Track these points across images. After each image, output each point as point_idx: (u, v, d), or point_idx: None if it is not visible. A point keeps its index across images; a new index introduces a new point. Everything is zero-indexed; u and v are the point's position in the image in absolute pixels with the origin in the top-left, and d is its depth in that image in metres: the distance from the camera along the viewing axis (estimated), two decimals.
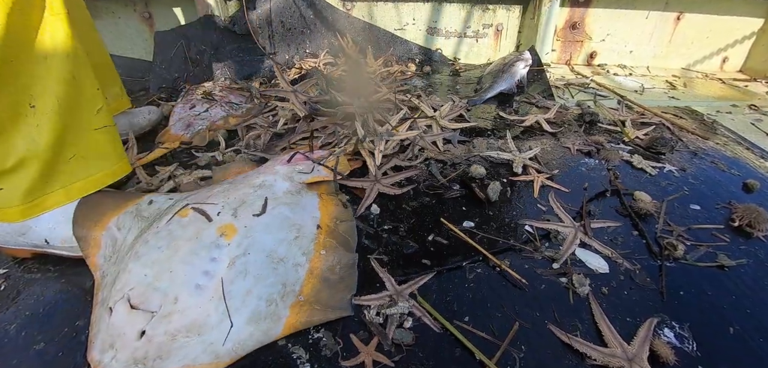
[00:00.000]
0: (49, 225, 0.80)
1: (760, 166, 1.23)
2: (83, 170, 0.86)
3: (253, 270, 0.70)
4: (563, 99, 1.75)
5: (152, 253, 0.70)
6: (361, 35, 2.09)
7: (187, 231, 0.74)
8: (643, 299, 0.74)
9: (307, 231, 0.81)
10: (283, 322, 0.65)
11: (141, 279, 0.66)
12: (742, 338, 0.68)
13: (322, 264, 0.75)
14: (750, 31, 2.27)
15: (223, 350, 0.61)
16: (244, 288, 0.68)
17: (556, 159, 1.21)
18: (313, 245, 0.79)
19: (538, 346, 0.65)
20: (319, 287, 0.71)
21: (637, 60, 2.35)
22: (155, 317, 0.62)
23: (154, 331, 0.61)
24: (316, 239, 0.80)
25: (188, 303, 0.64)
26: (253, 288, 0.68)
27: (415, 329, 0.67)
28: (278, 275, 0.71)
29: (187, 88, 1.63)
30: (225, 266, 0.69)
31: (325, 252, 0.78)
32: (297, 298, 0.69)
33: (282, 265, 0.73)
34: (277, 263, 0.73)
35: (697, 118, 1.59)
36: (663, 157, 1.23)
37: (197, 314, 0.63)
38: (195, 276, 0.67)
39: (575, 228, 0.88)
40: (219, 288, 0.66)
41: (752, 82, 2.18)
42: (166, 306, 0.63)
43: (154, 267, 0.67)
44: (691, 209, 1.00)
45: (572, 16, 2.21)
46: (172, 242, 0.71)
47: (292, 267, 0.73)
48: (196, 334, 0.62)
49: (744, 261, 0.83)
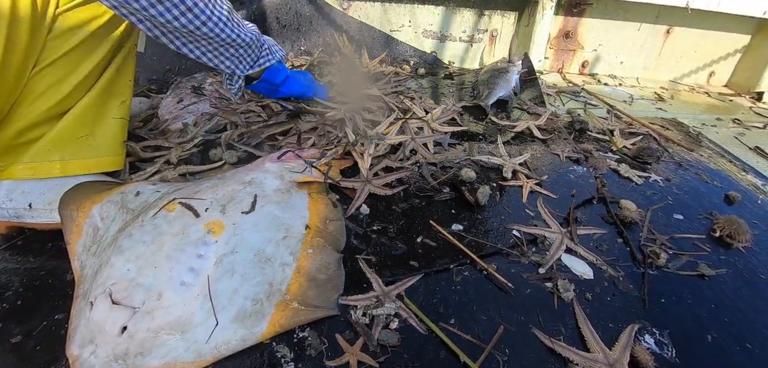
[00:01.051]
0: (40, 190, 0.82)
1: (742, 179, 1.27)
2: (87, 151, 0.88)
3: (241, 269, 0.69)
4: (554, 106, 1.77)
5: (136, 247, 0.68)
6: (357, 35, 2.09)
7: (173, 226, 0.73)
8: (626, 305, 0.75)
9: (296, 231, 0.81)
10: (268, 320, 0.65)
11: (124, 273, 0.65)
12: (719, 346, 0.69)
13: (309, 264, 0.75)
14: (736, 47, 2.33)
15: (206, 348, 0.60)
16: (230, 287, 0.67)
17: (546, 165, 1.22)
18: (300, 245, 0.78)
19: (522, 350, 0.65)
20: (306, 286, 0.71)
21: (627, 71, 2.39)
22: (138, 313, 0.61)
23: (136, 327, 0.60)
24: (304, 239, 0.80)
25: (172, 300, 0.63)
26: (240, 287, 0.67)
27: (401, 330, 0.67)
28: (265, 275, 0.70)
29: (177, 81, 1.61)
30: (211, 264, 0.69)
31: (313, 251, 0.78)
32: (283, 297, 0.68)
33: (269, 265, 0.72)
34: (264, 262, 0.72)
35: (683, 130, 1.62)
36: (649, 167, 1.26)
37: (181, 311, 0.62)
38: (180, 273, 0.66)
39: (562, 234, 0.89)
40: (205, 285, 0.66)
41: (737, 97, 2.24)
42: (149, 302, 0.62)
43: (137, 262, 0.66)
44: (674, 219, 1.02)
45: (566, 25, 2.24)
46: (158, 237, 0.70)
47: (280, 267, 0.73)
48: (180, 332, 0.61)
49: (724, 270, 0.85)
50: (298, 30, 2.01)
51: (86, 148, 0.88)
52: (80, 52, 0.82)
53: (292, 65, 1.90)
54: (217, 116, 1.32)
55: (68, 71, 0.82)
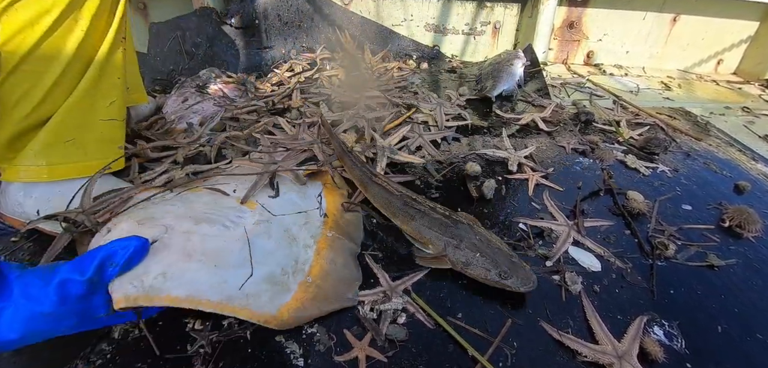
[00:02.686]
0: (45, 197, 0.83)
1: (752, 168, 1.25)
2: (74, 154, 0.88)
3: (275, 236, 0.72)
4: (559, 98, 1.76)
5: (164, 206, 0.70)
6: (359, 30, 2.08)
7: (202, 198, 0.76)
8: (634, 297, 0.75)
9: (314, 218, 0.83)
10: (291, 295, 0.65)
11: (150, 215, 0.65)
12: (729, 337, 0.69)
13: (328, 252, 0.76)
14: (745, 34, 2.28)
15: (234, 294, 0.59)
16: (266, 248, 0.69)
17: (551, 157, 1.21)
18: (320, 231, 0.81)
19: (530, 343, 0.65)
20: (325, 274, 0.72)
21: (633, 60, 2.36)
22: (172, 231, 0.60)
23: (169, 242, 0.59)
24: (323, 226, 0.82)
25: (212, 232, 0.64)
26: (275, 251, 0.70)
27: (409, 325, 0.67)
28: (293, 251, 0.73)
29: (181, 81, 1.62)
30: (251, 222, 0.72)
31: (332, 239, 0.79)
32: (306, 278, 0.70)
33: (295, 244, 0.75)
34: (291, 241, 0.75)
35: (690, 120, 1.60)
36: (656, 158, 1.24)
37: (220, 244, 0.63)
38: (220, 219, 0.68)
39: (569, 226, 0.89)
40: (244, 235, 0.67)
41: (746, 85, 2.21)
42: (183, 224, 0.62)
43: (167, 215, 0.66)
44: (682, 209, 1.01)
45: (570, 16, 2.21)
46: (188, 204, 0.72)
47: (303, 248, 0.75)
48: (213, 264, 0.60)
49: (733, 261, 0.85)
50: (299, 27, 2.00)
51: (73, 151, 0.88)
52: (40, 57, 0.81)
53: (290, 68, 1.89)
54: (220, 114, 1.32)
55: (35, 77, 0.81)
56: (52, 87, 0.83)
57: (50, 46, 0.82)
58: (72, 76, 0.86)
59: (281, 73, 1.80)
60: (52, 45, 0.82)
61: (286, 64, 1.89)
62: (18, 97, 0.80)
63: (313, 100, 1.52)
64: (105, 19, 0.91)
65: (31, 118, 0.82)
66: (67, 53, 0.84)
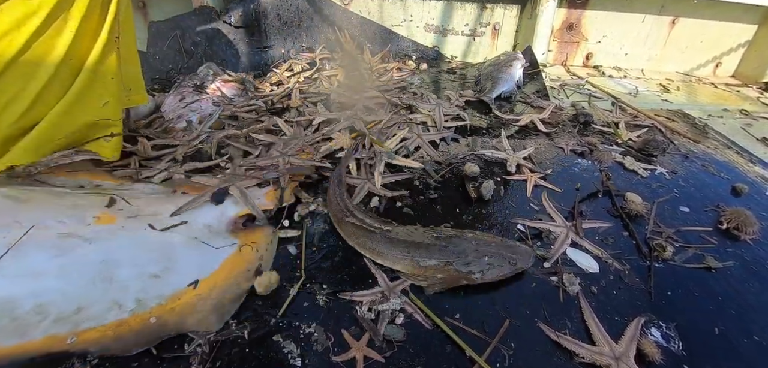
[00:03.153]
0: None
1: (749, 170, 1.25)
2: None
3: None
4: (558, 99, 1.76)
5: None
6: (359, 31, 2.08)
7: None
8: (632, 299, 0.75)
9: (175, 279, 0.69)
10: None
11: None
12: (726, 338, 0.69)
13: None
14: (743, 37, 2.29)
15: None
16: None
17: (550, 159, 1.22)
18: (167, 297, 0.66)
19: (527, 344, 0.65)
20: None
21: (632, 62, 2.37)
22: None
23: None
24: (180, 293, 0.68)
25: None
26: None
27: (407, 325, 0.67)
28: (108, 295, 0.64)
29: (180, 80, 1.61)
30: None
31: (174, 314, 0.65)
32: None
33: (121, 290, 0.65)
34: (115, 283, 0.66)
35: (689, 122, 1.61)
36: (655, 159, 1.25)
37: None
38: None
39: (567, 228, 0.89)
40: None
41: (744, 87, 2.21)
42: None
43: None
44: (680, 211, 1.01)
45: (569, 17, 2.22)
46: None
47: (133, 300, 0.64)
48: None
49: (730, 263, 0.85)
50: (299, 27, 2.00)
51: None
52: (28, 60, 0.80)
53: (290, 68, 1.89)
54: (219, 112, 1.32)
55: (23, 81, 0.80)
56: (42, 91, 0.82)
57: (39, 49, 0.80)
58: (62, 78, 0.85)
59: (280, 73, 1.80)
60: (40, 47, 0.80)
61: (285, 64, 1.89)
62: (5, 102, 0.78)
63: (313, 100, 1.52)
64: (96, 20, 0.90)
65: (20, 123, 0.81)
66: (57, 55, 0.82)
